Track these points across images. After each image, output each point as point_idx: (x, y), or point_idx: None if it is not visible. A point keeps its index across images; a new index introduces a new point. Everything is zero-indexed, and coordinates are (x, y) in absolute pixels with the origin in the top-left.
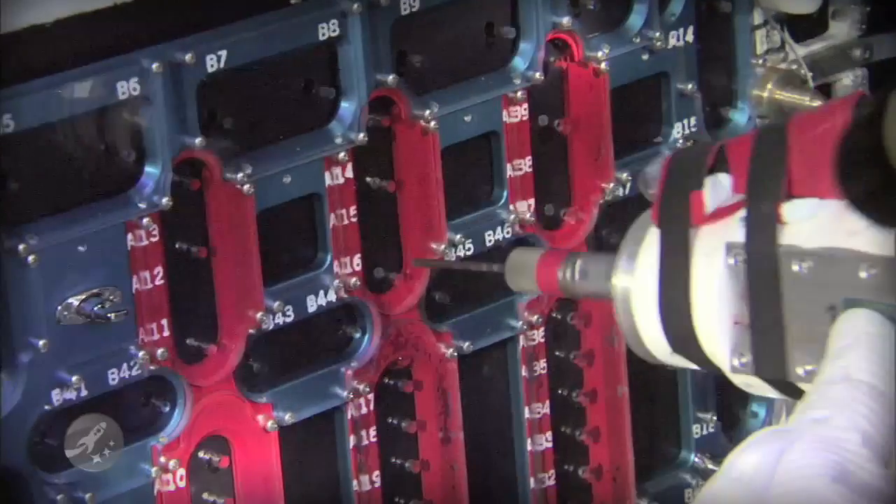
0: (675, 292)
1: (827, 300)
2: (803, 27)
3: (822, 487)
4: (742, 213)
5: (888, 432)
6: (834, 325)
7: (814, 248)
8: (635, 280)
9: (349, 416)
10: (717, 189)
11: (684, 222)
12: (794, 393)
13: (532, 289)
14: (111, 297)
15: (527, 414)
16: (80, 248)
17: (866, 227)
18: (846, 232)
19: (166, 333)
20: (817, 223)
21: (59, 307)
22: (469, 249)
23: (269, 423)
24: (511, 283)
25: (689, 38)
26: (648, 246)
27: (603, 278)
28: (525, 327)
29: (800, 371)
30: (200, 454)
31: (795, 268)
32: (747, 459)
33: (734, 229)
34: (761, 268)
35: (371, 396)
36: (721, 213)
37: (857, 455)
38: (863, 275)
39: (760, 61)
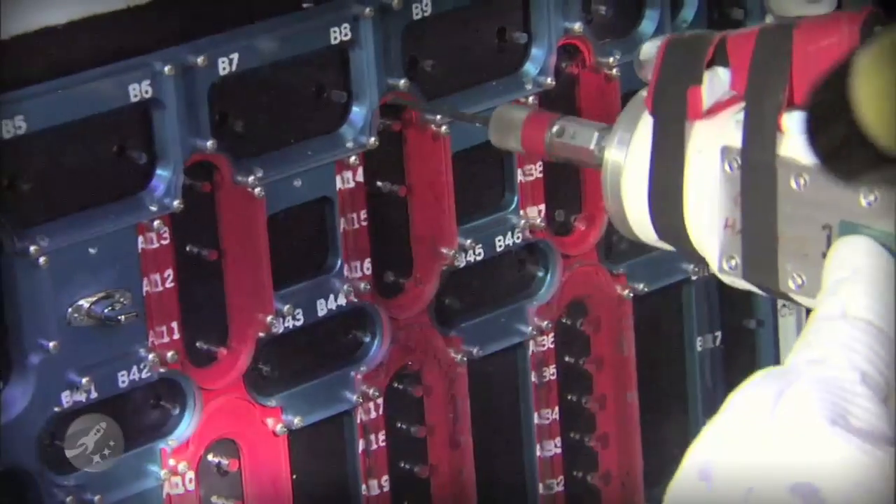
0: (666, 186)
1: (823, 219)
2: None
3: (820, 429)
4: (739, 112)
5: (887, 370)
6: (831, 252)
7: (813, 163)
8: (627, 159)
9: (358, 421)
10: (715, 84)
11: (680, 116)
12: (781, 294)
13: (515, 147)
14: (121, 300)
15: (536, 419)
16: (91, 251)
17: None
18: None
19: (176, 336)
20: None
21: (70, 309)
22: (479, 254)
23: (279, 427)
24: (494, 138)
25: None
26: (643, 128)
27: (594, 144)
28: (534, 333)
29: (790, 283)
30: (209, 457)
31: (793, 182)
32: (746, 400)
33: (731, 131)
34: (757, 178)
35: (380, 401)
36: (718, 108)
37: (855, 394)
38: (862, 201)
39: None
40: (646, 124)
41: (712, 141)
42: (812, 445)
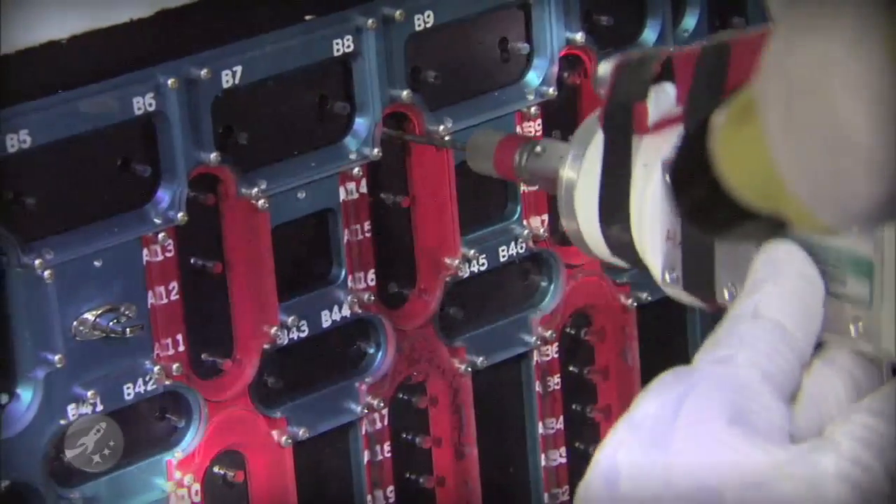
0: (615, 200)
1: None
2: None
3: (719, 431)
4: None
5: (791, 370)
6: (756, 256)
7: None
8: (580, 176)
9: (363, 432)
10: (661, 100)
11: (627, 131)
12: (718, 307)
13: (490, 171)
14: (127, 312)
15: (540, 429)
16: (96, 264)
17: None
18: None
19: (181, 348)
20: None
21: (75, 322)
22: (483, 265)
23: (284, 438)
24: (471, 163)
25: None
26: (595, 147)
27: (554, 164)
28: (539, 342)
29: (725, 293)
30: (215, 469)
31: None
32: (649, 405)
33: (672, 145)
34: None
35: (385, 411)
36: (663, 124)
37: (756, 392)
38: None
39: None
40: (598, 141)
41: (656, 155)
42: (712, 447)
